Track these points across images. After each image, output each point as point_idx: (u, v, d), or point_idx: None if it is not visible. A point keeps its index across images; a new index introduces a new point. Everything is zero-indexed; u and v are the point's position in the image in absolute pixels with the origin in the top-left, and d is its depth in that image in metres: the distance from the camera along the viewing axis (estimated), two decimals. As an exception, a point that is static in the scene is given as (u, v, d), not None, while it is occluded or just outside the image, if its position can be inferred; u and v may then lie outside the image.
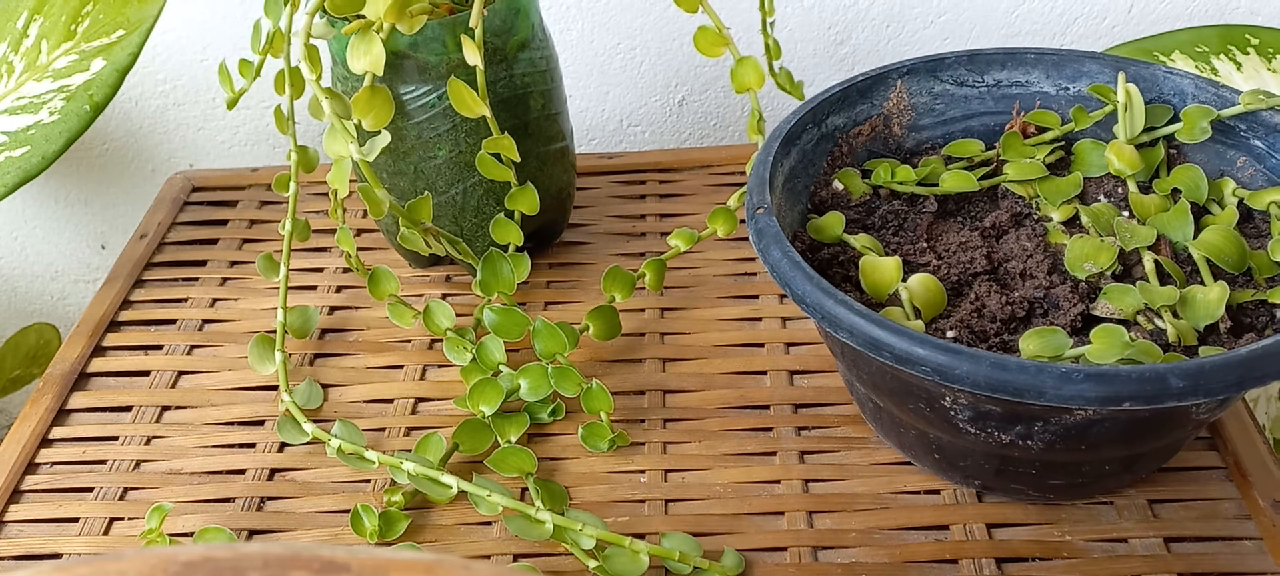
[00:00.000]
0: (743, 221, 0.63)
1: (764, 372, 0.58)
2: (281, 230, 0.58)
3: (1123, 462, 0.47)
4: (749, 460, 0.53)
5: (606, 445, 0.53)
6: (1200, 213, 0.51)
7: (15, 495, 0.54)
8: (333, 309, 0.65)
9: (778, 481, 0.52)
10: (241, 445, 0.56)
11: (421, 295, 0.65)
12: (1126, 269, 0.49)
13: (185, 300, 0.66)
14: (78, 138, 0.62)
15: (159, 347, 0.63)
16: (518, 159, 0.56)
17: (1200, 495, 0.50)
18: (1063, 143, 0.56)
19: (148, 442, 0.56)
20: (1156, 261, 0.48)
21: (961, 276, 0.50)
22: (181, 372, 0.61)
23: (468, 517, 0.51)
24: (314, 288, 0.66)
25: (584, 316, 0.58)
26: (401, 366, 0.60)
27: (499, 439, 0.53)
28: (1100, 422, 0.43)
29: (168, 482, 0.54)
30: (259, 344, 0.58)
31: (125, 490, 0.54)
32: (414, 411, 0.57)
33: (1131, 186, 0.52)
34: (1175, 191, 0.52)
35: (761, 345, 0.60)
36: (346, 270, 0.67)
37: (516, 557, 0.49)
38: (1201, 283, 0.47)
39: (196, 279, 0.68)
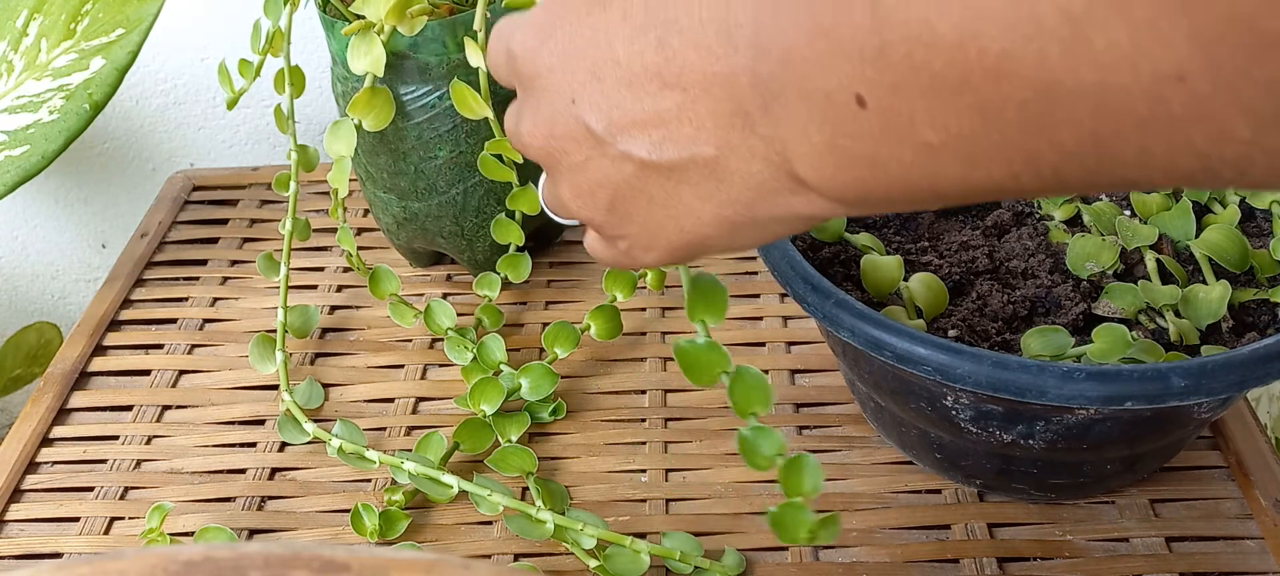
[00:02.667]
0: (744, 220, 0.63)
1: (765, 372, 0.57)
2: (282, 229, 0.58)
3: (1124, 462, 0.47)
4: (750, 459, 0.53)
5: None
6: (1202, 211, 0.51)
7: (16, 494, 0.54)
8: (333, 308, 0.65)
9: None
10: (242, 444, 0.56)
11: (422, 294, 0.65)
12: (1128, 268, 0.49)
13: (186, 299, 0.66)
14: (78, 136, 0.62)
15: (159, 347, 0.63)
16: (520, 159, 0.56)
17: (1202, 494, 0.50)
18: (1064, 142, 0.55)
19: (148, 442, 0.56)
20: (1158, 260, 0.48)
21: (963, 275, 0.50)
22: (182, 372, 0.61)
23: (468, 517, 0.51)
24: (315, 287, 0.66)
25: (585, 315, 0.57)
26: (402, 366, 0.60)
27: (500, 438, 0.53)
28: (1102, 422, 0.42)
29: (168, 482, 0.54)
30: (260, 343, 0.58)
31: (126, 489, 0.54)
32: (415, 411, 0.57)
33: (1133, 185, 0.52)
34: (1177, 190, 0.52)
35: (763, 344, 0.60)
36: (347, 269, 0.67)
37: (517, 557, 0.49)
38: (1203, 281, 0.47)
39: (197, 278, 0.68)
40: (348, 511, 0.51)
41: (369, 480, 0.53)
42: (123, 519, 0.52)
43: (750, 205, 0.30)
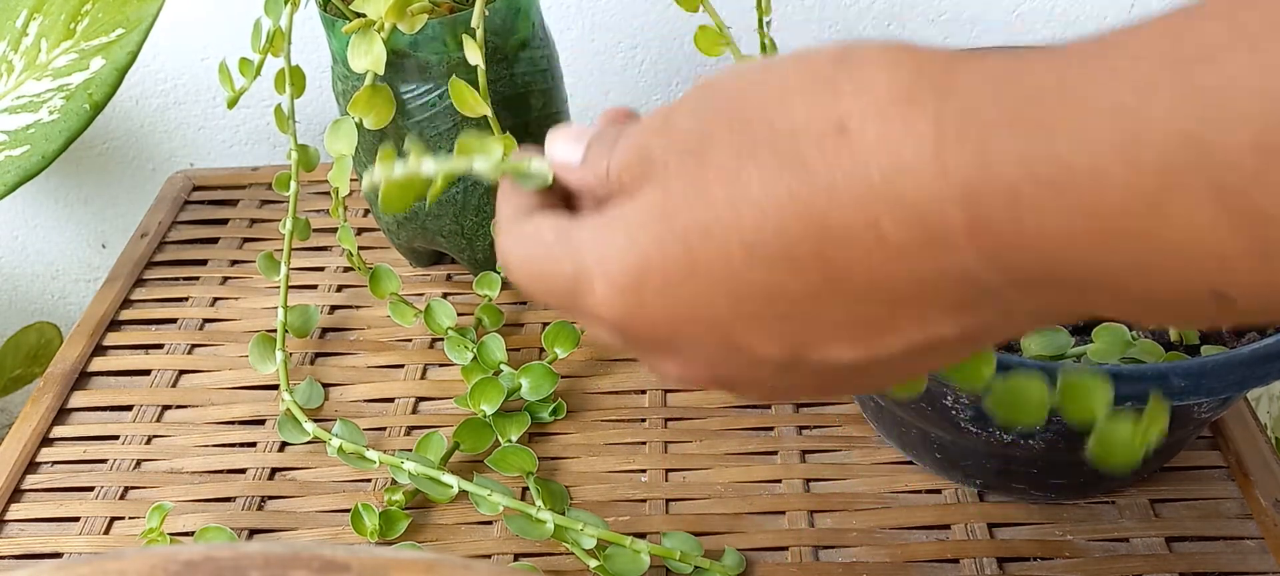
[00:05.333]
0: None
1: (765, 372, 0.58)
2: (282, 229, 0.58)
3: (1124, 462, 0.47)
4: (750, 459, 0.53)
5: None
6: (1202, 212, 0.51)
7: (16, 494, 0.54)
8: (333, 308, 0.65)
9: (779, 481, 0.52)
10: (242, 444, 0.56)
11: (422, 294, 0.65)
12: (1128, 268, 0.49)
13: (186, 299, 0.66)
14: (78, 136, 0.62)
15: (160, 347, 0.63)
16: (520, 159, 0.56)
17: (1202, 494, 0.50)
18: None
19: (148, 442, 0.56)
20: (1158, 260, 0.48)
21: (963, 275, 0.49)
22: (182, 372, 0.61)
23: (468, 517, 0.51)
24: (315, 287, 0.66)
25: (585, 315, 0.57)
26: (402, 365, 0.60)
27: (500, 438, 0.53)
28: (1102, 422, 0.42)
29: (168, 482, 0.54)
30: (260, 343, 0.58)
31: (126, 489, 0.54)
32: (415, 410, 0.57)
33: (1133, 185, 0.52)
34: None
35: (762, 344, 0.60)
36: (347, 269, 0.67)
37: (517, 557, 0.49)
38: (1203, 282, 0.47)
39: (197, 278, 0.68)
40: (348, 511, 0.51)
41: (369, 480, 0.53)
42: (123, 519, 0.52)
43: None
